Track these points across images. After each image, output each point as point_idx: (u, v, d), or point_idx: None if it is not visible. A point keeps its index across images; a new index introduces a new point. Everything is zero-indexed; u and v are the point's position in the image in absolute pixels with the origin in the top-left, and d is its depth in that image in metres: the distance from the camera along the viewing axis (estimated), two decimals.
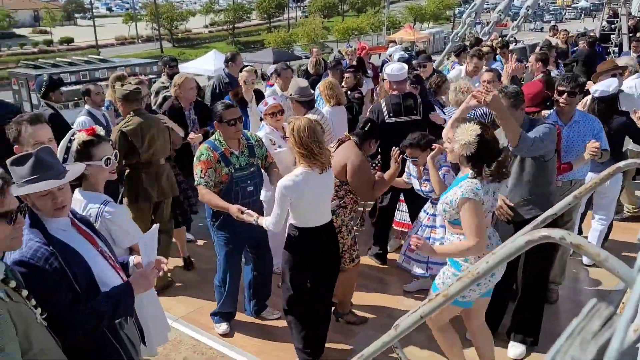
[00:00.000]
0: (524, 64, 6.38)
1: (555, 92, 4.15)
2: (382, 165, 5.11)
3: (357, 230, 5.40)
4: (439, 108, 5.48)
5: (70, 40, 52.47)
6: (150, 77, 11.33)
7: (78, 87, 12.99)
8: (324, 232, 3.55)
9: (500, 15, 10.62)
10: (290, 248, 3.58)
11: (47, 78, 5.37)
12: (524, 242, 1.18)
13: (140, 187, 4.47)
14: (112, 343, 2.28)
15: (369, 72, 8.78)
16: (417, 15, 57.23)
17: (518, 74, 5.59)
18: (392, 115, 4.91)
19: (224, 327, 4.21)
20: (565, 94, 4.04)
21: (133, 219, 3.26)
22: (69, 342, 2.09)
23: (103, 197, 2.85)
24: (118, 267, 2.42)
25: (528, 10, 12.02)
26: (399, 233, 5.35)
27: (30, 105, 13.48)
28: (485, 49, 8.29)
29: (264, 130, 4.58)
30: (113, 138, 4.17)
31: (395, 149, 3.89)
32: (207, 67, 22.47)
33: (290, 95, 4.86)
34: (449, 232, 3.16)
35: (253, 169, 3.85)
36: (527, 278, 3.79)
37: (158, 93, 6.29)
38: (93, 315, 2.12)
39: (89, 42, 50.61)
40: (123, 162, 4.28)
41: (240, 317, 4.38)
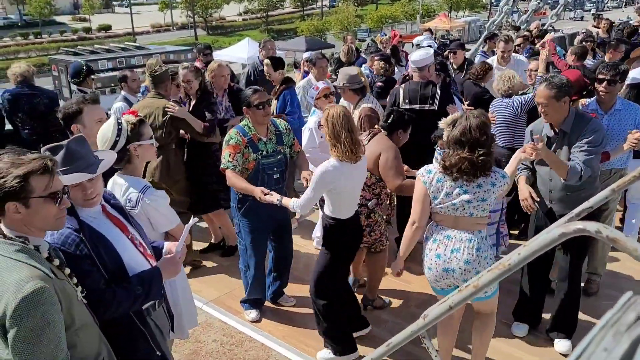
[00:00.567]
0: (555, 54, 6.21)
1: (596, 80, 4.08)
2: None
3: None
4: (458, 99, 5.41)
5: (108, 28, 53.56)
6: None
7: (115, 73, 13.26)
8: (354, 223, 3.60)
9: (539, 3, 10.33)
10: (329, 238, 3.59)
11: (84, 65, 5.51)
12: (558, 234, 1.16)
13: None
14: (139, 328, 2.33)
15: (402, 60, 8.70)
16: (452, 4, 56.13)
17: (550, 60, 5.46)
18: (407, 102, 4.91)
19: (254, 314, 4.29)
20: (605, 82, 3.98)
21: None
22: (103, 321, 2.16)
23: (143, 182, 2.90)
24: (149, 253, 2.46)
25: None
26: None
27: (69, 91, 13.84)
28: (519, 40, 8.12)
29: (317, 116, 4.67)
30: None
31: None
32: (240, 54, 22.66)
33: (343, 85, 4.85)
34: None
35: (280, 157, 3.88)
36: (561, 271, 3.74)
37: None
38: (125, 297, 2.19)
39: (126, 29, 51.54)
40: None
41: (266, 303, 4.45)
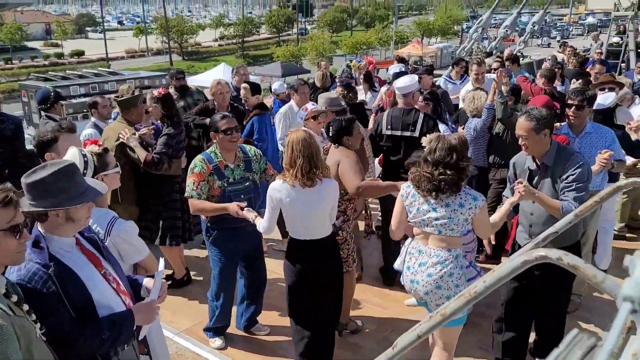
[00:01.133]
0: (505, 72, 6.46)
1: (566, 105, 4.29)
2: (382, 178, 5.09)
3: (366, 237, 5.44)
4: (450, 126, 5.52)
5: (81, 53, 53.12)
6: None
7: (87, 99, 13.09)
8: (321, 246, 3.52)
9: (507, 31, 10.64)
10: (287, 257, 3.62)
11: (52, 91, 5.42)
12: (521, 262, 1.16)
13: None
14: None
15: (377, 85, 8.82)
16: (424, 30, 57.51)
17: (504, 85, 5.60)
18: (389, 128, 4.96)
19: (219, 342, 4.22)
20: (574, 107, 4.19)
21: None
22: None
23: (111, 213, 2.85)
24: (122, 289, 2.38)
25: (534, 26, 12.07)
26: None
27: (39, 118, 13.61)
28: (496, 65, 8.35)
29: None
30: None
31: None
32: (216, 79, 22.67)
33: (325, 108, 4.92)
34: None
35: (248, 184, 3.83)
36: (543, 294, 3.63)
37: None
38: (91, 339, 2.11)
39: (100, 55, 51.21)
40: None
41: (238, 331, 4.39)
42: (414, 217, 3.17)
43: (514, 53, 11.63)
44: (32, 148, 3.37)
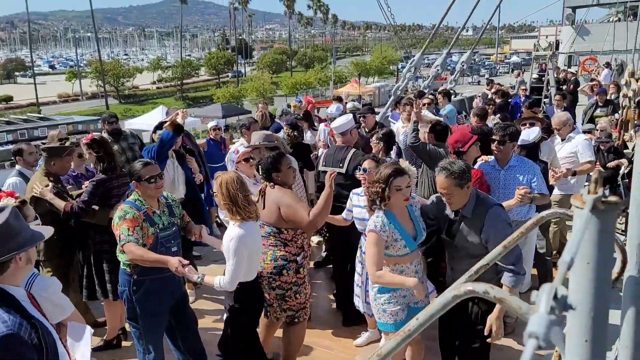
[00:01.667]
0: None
1: (491, 140, 4.46)
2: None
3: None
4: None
5: (10, 99, 51.05)
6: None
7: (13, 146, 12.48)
8: (257, 284, 3.52)
9: (438, 70, 11.13)
10: (235, 304, 3.45)
11: None
12: (451, 297, 1.16)
13: None
14: None
15: (316, 124, 8.94)
16: (362, 70, 59.45)
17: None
18: (324, 164, 5.13)
19: None
20: (496, 142, 4.38)
21: None
22: None
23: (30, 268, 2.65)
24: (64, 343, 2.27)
25: (463, 65, 12.72)
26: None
27: None
28: (427, 101, 8.71)
29: None
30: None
31: (330, 172, 3.90)
32: (154, 122, 22.18)
33: (259, 144, 4.89)
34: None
35: (175, 229, 3.67)
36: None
37: None
38: None
39: (30, 100, 49.37)
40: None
41: None
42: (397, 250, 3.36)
43: (445, 90, 12.20)
44: None
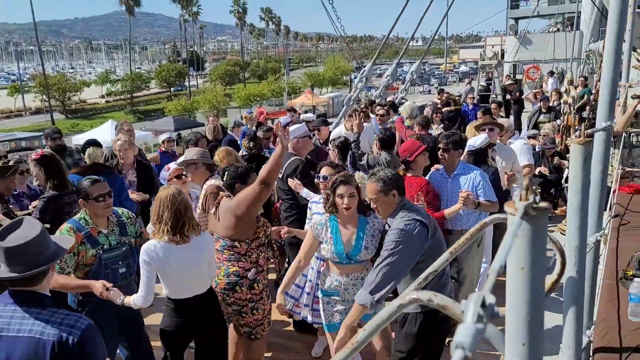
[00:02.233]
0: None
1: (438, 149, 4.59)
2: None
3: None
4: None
5: None
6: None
7: None
8: (200, 303, 3.45)
9: (389, 80, 11.32)
10: (165, 319, 3.46)
11: None
12: (396, 307, 1.15)
13: None
14: None
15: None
16: (315, 81, 59.83)
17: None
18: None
19: None
20: (440, 150, 4.51)
21: None
22: None
23: None
24: None
25: (413, 75, 12.99)
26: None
27: None
28: (382, 112, 8.86)
29: None
30: None
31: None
32: (103, 137, 21.62)
33: (197, 159, 4.76)
34: None
35: (125, 249, 3.53)
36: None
37: None
38: None
39: None
40: None
41: None
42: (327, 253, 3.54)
43: (398, 100, 12.44)
44: None
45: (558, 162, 7.95)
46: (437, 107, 11.54)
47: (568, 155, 8.52)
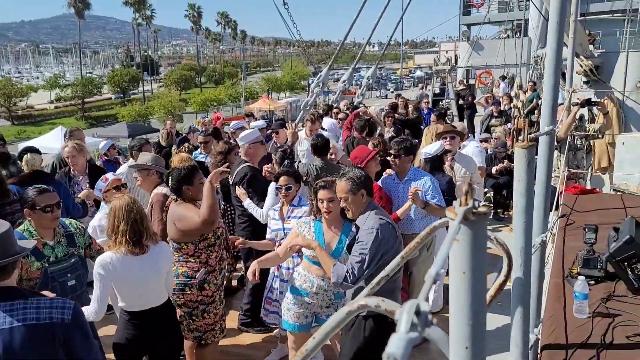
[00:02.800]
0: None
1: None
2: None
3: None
4: None
5: None
6: None
7: None
8: (157, 315, 3.36)
9: (345, 85, 11.37)
10: (120, 332, 3.34)
11: None
12: (345, 313, 1.14)
13: None
14: None
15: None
16: (273, 86, 59.63)
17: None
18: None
19: None
20: (392, 156, 4.59)
21: None
22: None
23: None
24: None
25: (369, 80, 13.09)
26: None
27: None
28: (342, 116, 8.95)
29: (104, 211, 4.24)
30: None
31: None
32: (52, 144, 20.83)
33: (151, 165, 4.60)
34: None
35: (74, 260, 3.40)
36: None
37: None
38: None
39: None
40: None
41: None
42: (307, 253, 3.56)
43: (355, 104, 12.55)
44: None
45: (508, 165, 8.20)
46: (388, 110, 11.70)
47: None
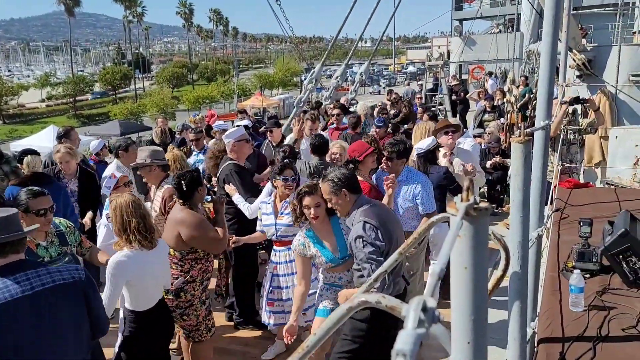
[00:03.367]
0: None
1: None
2: None
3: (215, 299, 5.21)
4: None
5: None
6: None
7: None
8: (158, 311, 3.38)
9: (338, 81, 11.37)
10: (129, 334, 3.31)
11: None
12: (346, 309, 1.14)
13: None
14: None
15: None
16: (265, 83, 59.47)
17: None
18: None
19: None
20: (385, 157, 4.54)
21: None
22: None
23: None
24: None
25: (362, 76, 13.11)
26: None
27: None
28: (336, 111, 8.94)
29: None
30: None
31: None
32: (44, 143, 20.70)
33: (151, 162, 4.64)
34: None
35: (68, 259, 3.41)
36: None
37: None
38: None
39: None
40: None
41: None
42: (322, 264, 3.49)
43: (349, 101, 12.55)
44: None
45: (501, 160, 8.22)
46: (383, 107, 11.71)
47: None
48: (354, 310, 1.18)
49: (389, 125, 8.63)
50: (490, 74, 18.63)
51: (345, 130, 7.86)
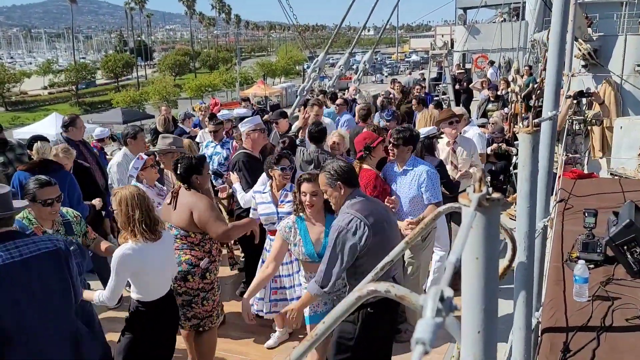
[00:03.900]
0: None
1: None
2: None
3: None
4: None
5: None
6: None
7: None
8: (166, 301, 3.39)
9: (342, 70, 11.31)
10: (135, 325, 3.33)
11: None
12: (355, 298, 1.16)
13: None
14: None
15: None
16: (268, 71, 59.24)
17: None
18: None
19: None
20: (390, 144, 4.46)
21: None
22: None
23: None
24: None
25: (365, 65, 13.03)
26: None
27: None
28: (340, 101, 8.91)
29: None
30: None
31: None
32: (47, 131, 20.70)
33: (174, 148, 4.83)
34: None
35: (73, 248, 3.31)
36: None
37: None
38: None
39: None
40: None
41: None
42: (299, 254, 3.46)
43: (356, 90, 12.49)
44: None
45: (505, 147, 8.18)
46: (389, 96, 11.67)
47: (516, 142, 8.88)
48: (363, 299, 1.18)
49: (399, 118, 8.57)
50: (492, 63, 18.49)
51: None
